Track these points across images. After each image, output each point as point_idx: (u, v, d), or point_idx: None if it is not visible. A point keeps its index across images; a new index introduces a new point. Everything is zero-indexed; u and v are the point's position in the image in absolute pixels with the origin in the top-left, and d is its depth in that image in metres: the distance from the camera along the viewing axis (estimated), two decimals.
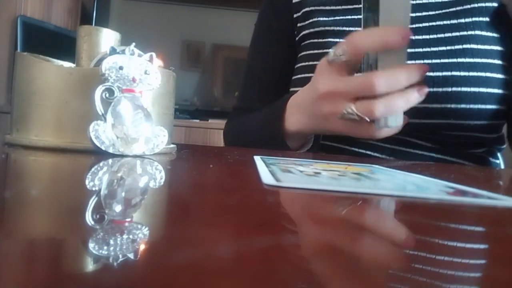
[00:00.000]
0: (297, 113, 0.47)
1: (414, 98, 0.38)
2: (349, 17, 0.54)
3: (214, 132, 1.66)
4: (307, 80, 0.46)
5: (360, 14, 0.52)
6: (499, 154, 0.56)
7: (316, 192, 0.18)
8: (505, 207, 0.17)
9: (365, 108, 0.38)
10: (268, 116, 0.52)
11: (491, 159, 0.53)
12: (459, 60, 0.46)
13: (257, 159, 0.28)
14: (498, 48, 0.48)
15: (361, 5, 0.53)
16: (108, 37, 0.34)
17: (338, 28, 0.54)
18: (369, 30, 0.39)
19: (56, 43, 1.62)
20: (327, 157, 0.38)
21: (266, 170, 0.23)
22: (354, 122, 0.40)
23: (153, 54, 0.31)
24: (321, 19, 0.56)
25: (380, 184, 0.21)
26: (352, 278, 0.08)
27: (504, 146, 0.55)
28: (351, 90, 0.39)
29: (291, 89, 0.59)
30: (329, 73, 0.41)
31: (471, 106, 0.46)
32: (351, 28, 0.54)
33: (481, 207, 0.17)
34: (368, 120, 0.39)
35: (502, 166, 0.57)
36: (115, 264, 0.08)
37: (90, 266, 0.08)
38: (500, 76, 0.47)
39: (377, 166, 0.31)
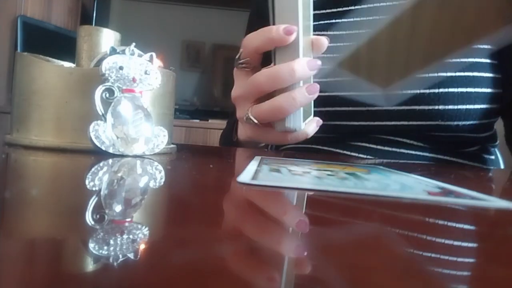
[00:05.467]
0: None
1: (302, 96, 0.36)
2: (333, 20, 0.54)
3: (214, 132, 1.66)
4: None
5: (345, 18, 0.53)
6: (496, 150, 0.56)
7: (285, 190, 0.18)
8: (484, 207, 0.17)
9: (255, 111, 0.38)
10: (229, 126, 0.54)
11: (485, 156, 0.53)
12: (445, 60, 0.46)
13: (255, 159, 0.28)
14: (485, 46, 0.47)
15: (344, 8, 0.54)
16: (108, 37, 0.34)
17: (323, 32, 0.54)
18: (259, 30, 0.38)
19: (56, 43, 1.62)
20: (335, 158, 0.38)
21: (252, 169, 0.23)
22: (257, 127, 0.40)
23: (153, 54, 0.31)
24: None
25: (362, 184, 0.20)
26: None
27: (497, 143, 0.55)
28: (247, 93, 0.39)
29: None
30: (237, 78, 0.41)
31: (459, 106, 0.46)
32: (336, 32, 0.53)
33: (458, 207, 0.17)
34: (257, 122, 0.38)
35: (502, 164, 0.57)
36: (115, 264, 0.08)
37: (90, 266, 0.08)
38: (488, 75, 0.47)
39: (380, 166, 0.31)
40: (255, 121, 0.38)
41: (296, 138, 0.40)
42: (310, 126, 0.40)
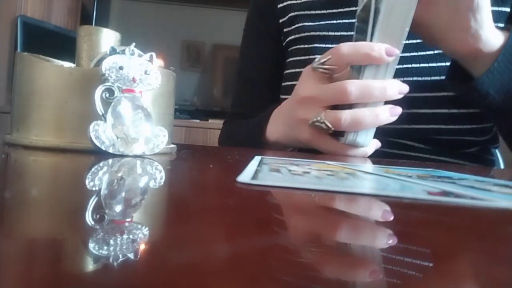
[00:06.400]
0: (277, 121, 0.47)
1: (385, 115, 0.37)
2: (335, 21, 0.54)
3: (214, 132, 1.67)
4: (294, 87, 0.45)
5: (346, 18, 0.53)
6: (496, 151, 0.56)
7: (285, 190, 0.18)
8: (485, 207, 0.17)
9: (332, 117, 0.37)
10: (253, 126, 0.53)
11: (486, 156, 0.53)
12: (448, 64, 0.45)
13: (255, 159, 0.28)
14: None
15: (345, 9, 0.53)
16: (108, 37, 0.34)
17: (324, 33, 0.54)
18: (357, 43, 0.38)
19: (56, 43, 1.62)
20: (336, 158, 0.38)
21: (252, 169, 0.23)
22: (320, 133, 0.39)
23: (153, 54, 0.31)
24: (307, 24, 0.56)
25: (362, 184, 0.20)
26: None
27: (498, 144, 0.55)
28: (326, 97, 0.38)
29: (282, 96, 0.58)
30: (311, 79, 0.41)
31: (462, 110, 0.46)
32: (336, 33, 0.53)
33: (457, 207, 0.17)
34: (332, 128, 0.37)
35: (502, 164, 0.57)
36: (115, 264, 0.08)
37: (90, 266, 0.08)
38: None
39: (380, 166, 0.31)
40: (330, 126, 0.37)
41: (356, 154, 0.40)
42: (371, 146, 0.40)
